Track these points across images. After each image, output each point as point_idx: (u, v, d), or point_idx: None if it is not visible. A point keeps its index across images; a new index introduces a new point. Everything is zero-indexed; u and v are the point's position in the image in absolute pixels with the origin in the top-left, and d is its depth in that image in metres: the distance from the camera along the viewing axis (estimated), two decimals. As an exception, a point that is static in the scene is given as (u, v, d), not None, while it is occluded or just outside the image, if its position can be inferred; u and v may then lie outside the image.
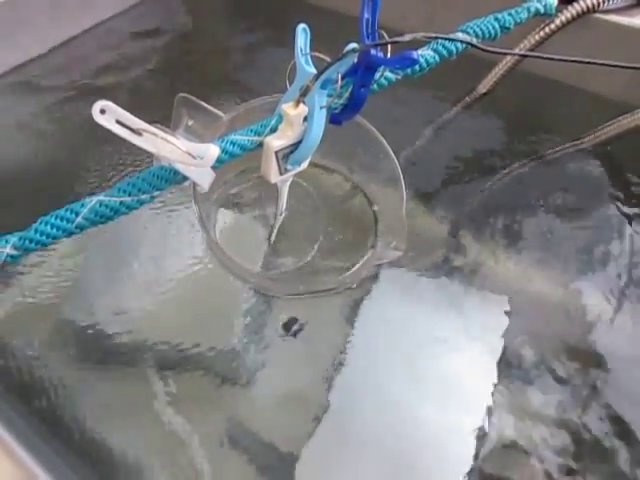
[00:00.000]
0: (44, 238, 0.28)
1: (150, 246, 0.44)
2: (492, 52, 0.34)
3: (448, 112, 0.50)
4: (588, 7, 0.44)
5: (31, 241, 0.28)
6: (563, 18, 0.45)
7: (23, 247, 0.28)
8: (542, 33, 0.45)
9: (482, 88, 0.49)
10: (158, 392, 0.39)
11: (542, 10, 0.44)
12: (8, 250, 0.27)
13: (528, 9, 0.43)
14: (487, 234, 0.49)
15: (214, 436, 0.37)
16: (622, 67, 0.35)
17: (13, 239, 0.28)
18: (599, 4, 0.44)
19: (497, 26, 0.41)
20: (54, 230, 0.28)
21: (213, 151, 0.27)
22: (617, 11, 0.45)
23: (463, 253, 0.48)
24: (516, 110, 0.51)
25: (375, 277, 0.44)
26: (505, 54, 0.43)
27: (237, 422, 0.38)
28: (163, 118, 0.36)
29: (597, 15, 0.45)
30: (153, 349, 0.40)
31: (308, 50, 0.33)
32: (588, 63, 0.35)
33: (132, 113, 0.28)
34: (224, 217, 0.44)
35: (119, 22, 0.60)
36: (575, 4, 0.45)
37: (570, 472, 0.36)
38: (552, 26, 0.45)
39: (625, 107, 0.45)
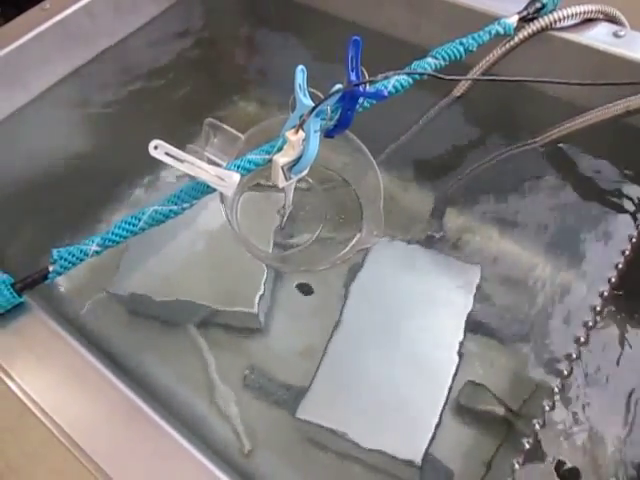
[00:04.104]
0: (118, 238, 0.39)
1: (187, 227, 0.55)
2: (447, 79, 0.43)
3: (427, 113, 0.59)
4: (543, 26, 0.53)
5: (109, 240, 0.39)
6: (521, 36, 0.53)
7: (104, 245, 0.39)
8: (503, 49, 0.54)
9: (457, 92, 0.58)
10: (196, 341, 0.51)
11: (502, 31, 0.52)
12: (94, 247, 0.39)
13: (489, 32, 0.51)
14: (463, 214, 0.59)
15: (239, 374, 0.49)
16: (555, 83, 0.44)
17: (97, 239, 0.39)
18: (553, 23, 0.53)
19: (462, 49, 0.50)
20: (124, 232, 0.39)
21: (235, 177, 0.37)
22: (568, 29, 0.53)
23: (443, 230, 0.58)
24: (486, 111, 0.60)
25: (368, 250, 0.55)
26: (459, 80, 0.52)
27: (256, 363, 0.50)
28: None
29: (551, 32, 0.53)
30: (191, 308, 0.51)
31: (305, 86, 0.43)
32: (525, 81, 0.44)
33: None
34: (245, 208, 0.55)
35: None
36: (532, 23, 0.53)
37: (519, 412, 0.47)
38: (512, 43, 0.53)
39: (578, 108, 0.54)
